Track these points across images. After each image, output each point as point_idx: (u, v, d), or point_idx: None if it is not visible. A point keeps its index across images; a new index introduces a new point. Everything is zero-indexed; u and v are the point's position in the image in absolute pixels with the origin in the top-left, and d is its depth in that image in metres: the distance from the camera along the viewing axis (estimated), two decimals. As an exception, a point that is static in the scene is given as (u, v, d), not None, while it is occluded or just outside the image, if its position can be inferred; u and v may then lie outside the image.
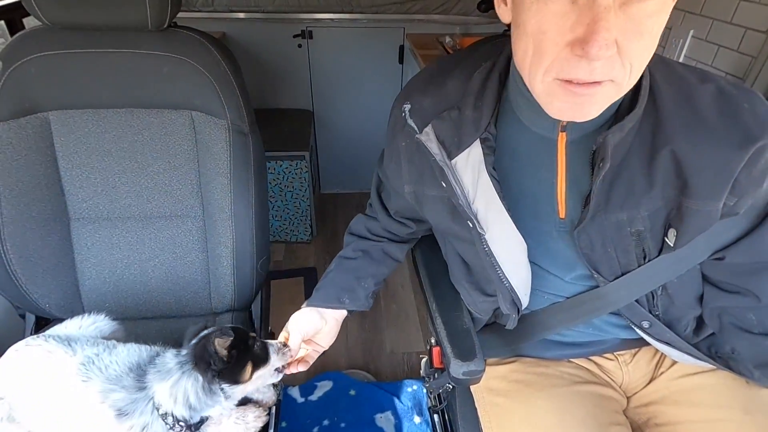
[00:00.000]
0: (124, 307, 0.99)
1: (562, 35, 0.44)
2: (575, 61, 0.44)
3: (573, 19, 0.43)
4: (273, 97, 2.28)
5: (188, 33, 0.90)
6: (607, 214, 0.57)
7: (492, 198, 0.59)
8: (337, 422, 1.40)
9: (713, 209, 0.55)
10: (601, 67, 0.44)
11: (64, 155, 0.91)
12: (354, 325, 1.80)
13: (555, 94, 0.48)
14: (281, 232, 2.17)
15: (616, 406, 0.71)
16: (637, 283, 0.62)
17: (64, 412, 0.65)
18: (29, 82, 0.85)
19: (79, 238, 0.95)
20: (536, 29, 0.45)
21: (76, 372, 0.66)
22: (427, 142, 0.59)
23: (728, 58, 1.11)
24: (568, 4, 0.42)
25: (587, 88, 0.46)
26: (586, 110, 0.49)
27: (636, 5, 0.41)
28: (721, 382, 0.68)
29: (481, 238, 0.61)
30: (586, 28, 0.42)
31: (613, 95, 0.48)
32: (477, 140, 0.58)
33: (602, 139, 0.53)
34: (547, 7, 0.43)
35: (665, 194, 0.56)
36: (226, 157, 0.91)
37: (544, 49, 0.45)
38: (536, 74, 0.48)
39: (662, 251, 0.60)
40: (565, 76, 0.46)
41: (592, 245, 0.60)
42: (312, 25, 2.09)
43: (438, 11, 2.09)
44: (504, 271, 0.63)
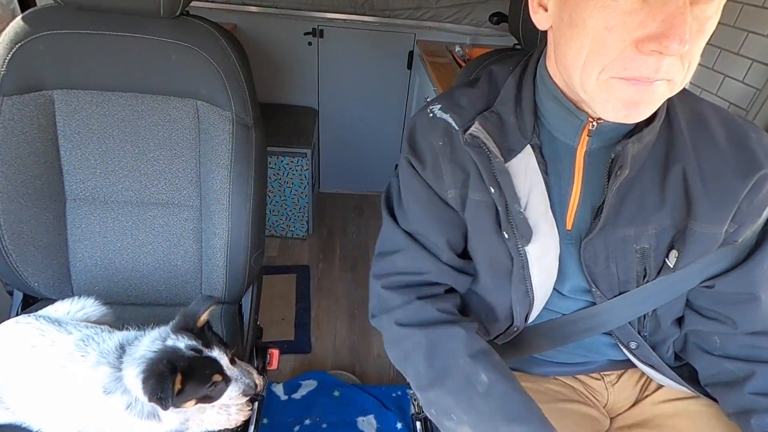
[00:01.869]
0: (114, 291, 0.99)
1: (630, 32, 0.44)
2: (641, 59, 0.44)
3: (642, 16, 0.43)
4: (279, 93, 2.28)
5: (199, 22, 0.90)
6: (615, 228, 0.57)
7: (545, 209, 0.58)
8: (319, 422, 1.39)
9: (716, 233, 0.56)
10: (667, 65, 0.44)
11: (65, 135, 0.90)
12: (342, 326, 1.79)
13: (612, 92, 0.47)
14: (277, 227, 2.17)
15: (598, 426, 0.71)
16: (632, 304, 0.63)
17: (54, 391, 0.65)
18: (36, 60, 0.85)
19: (73, 219, 0.95)
20: (601, 26, 0.45)
21: (74, 349, 0.66)
22: (485, 140, 0.56)
23: (733, 88, 1.12)
24: (639, 1, 0.43)
25: (644, 85, 0.46)
26: (641, 110, 0.48)
27: (701, 5, 0.43)
28: (704, 409, 0.68)
29: (519, 248, 0.59)
30: (660, 24, 0.42)
31: (667, 94, 0.48)
32: (528, 146, 0.58)
33: (622, 147, 0.53)
34: (616, 4, 0.43)
35: (674, 214, 0.56)
36: (227, 148, 0.91)
37: (607, 46, 0.45)
38: (592, 72, 0.47)
39: (661, 272, 0.60)
40: (627, 74, 0.46)
41: (596, 258, 0.60)
42: (324, 24, 2.10)
43: (450, 20, 2.10)
44: (533, 285, 0.62)
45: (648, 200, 0.56)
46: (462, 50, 1.96)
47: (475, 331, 0.62)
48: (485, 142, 0.56)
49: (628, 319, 0.64)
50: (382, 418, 1.42)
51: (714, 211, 0.55)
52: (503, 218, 0.58)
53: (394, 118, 2.37)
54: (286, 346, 1.66)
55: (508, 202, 0.57)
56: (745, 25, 1.07)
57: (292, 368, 1.59)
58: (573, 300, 0.66)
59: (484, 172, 0.57)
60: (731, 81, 1.13)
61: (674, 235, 0.58)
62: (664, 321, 0.66)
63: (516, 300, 0.63)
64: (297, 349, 1.66)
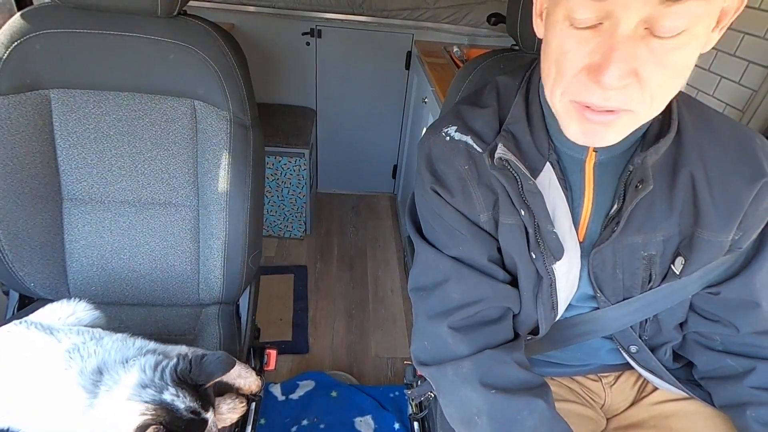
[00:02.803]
0: (111, 291, 0.98)
1: (581, 59, 0.44)
2: (590, 87, 0.44)
3: (593, 45, 0.43)
4: (277, 93, 2.28)
5: (197, 22, 0.90)
6: (623, 236, 0.57)
7: (569, 224, 0.58)
8: (317, 423, 1.39)
9: (723, 240, 0.56)
10: (616, 96, 0.44)
11: (62, 134, 0.90)
12: (340, 326, 1.79)
13: (571, 116, 0.49)
14: (275, 227, 2.17)
15: (594, 427, 0.71)
16: (634, 309, 0.63)
17: (40, 401, 0.63)
18: (33, 59, 0.84)
19: (70, 219, 0.94)
20: (559, 50, 0.46)
21: (60, 361, 0.64)
22: (515, 162, 0.54)
23: (729, 89, 1.13)
24: (591, 30, 0.43)
25: (602, 115, 0.46)
26: (600, 135, 0.49)
27: (661, 40, 0.41)
28: (700, 410, 0.68)
29: (546, 267, 0.58)
30: (602, 56, 0.42)
31: (632, 124, 0.48)
32: (547, 163, 0.57)
33: (640, 160, 0.53)
34: (571, 30, 0.44)
35: (681, 221, 0.56)
36: (225, 148, 0.91)
37: (563, 69, 0.46)
38: (555, 93, 0.49)
39: (666, 278, 0.60)
40: (580, 100, 0.46)
41: (604, 265, 0.60)
42: (322, 24, 2.10)
43: (448, 21, 2.10)
44: (559, 299, 0.61)
45: (656, 208, 0.56)
46: (460, 51, 1.96)
47: (552, 399, 0.57)
48: (515, 164, 0.54)
49: (629, 323, 0.64)
50: (379, 418, 1.42)
51: (722, 220, 0.55)
52: (532, 239, 0.58)
53: (392, 118, 2.37)
54: (283, 346, 1.65)
55: (539, 223, 0.56)
56: (742, 27, 1.08)
57: (289, 369, 1.59)
58: (578, 306, 0.66)
59: (513, 195, 0.56)
60: (728, 82, 1.13)
61: (680, 241, 0.58)
62: (666, 326, 0.66)
63: (542, 315, 0.62)
64: (294, 350, 1.66)
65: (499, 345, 0.60)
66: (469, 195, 0.59)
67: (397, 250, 2.21)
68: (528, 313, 0.63)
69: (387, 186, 2.62)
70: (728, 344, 0.64)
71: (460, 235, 0.60)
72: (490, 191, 0.58)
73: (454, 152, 0.59)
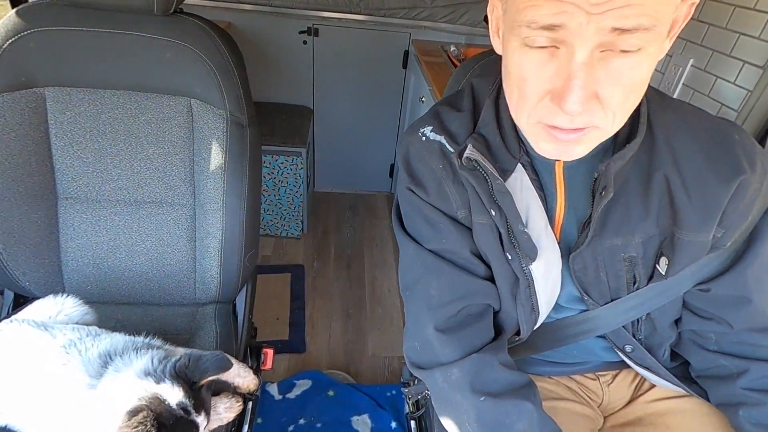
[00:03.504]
0: (106, 290, 0.98)
1: (542, 84, 0.45)
2: (555, 110, 0.45)
3: (552, 71, 0.44)
4: (274, 91, 2.27)
5: (193, 20, 0.89)
6: (602, 239, 0.57)
7: (545, 224, 0.58)
8: (314, 422, 1.39)
9: (704, 240, 0.56)
10: (580, 116, 0.44)
11: (57, 133, 0.89)
12: (338, 325, 1.79)
13: (539, 135, 0.49)
14: (272, 227, 2.16)
15: (591, 425, 0.71)
16: (625, 309, 0.63)
17: (38, 396, 0.64)
18: (27, 57, 0.84)
19: (65, 218, 0.94)
20: (518, 75, 0.46)
21: (56, 355, 0.64)
22: (483, 162, 0.55)
23: (725, 89, 1.13)
24: (548, 56, 0.43)
25: (570, 134, 0.47)
26: (570, 151, 0.50)
27: (617, 59, 0.42)
28: (696, 408, 0.69)
29: (523, 268, 0.58)
30: (563, 83, 0.43)
31: (599, 138, 0.49)
32: (519, 164, 0.58)
33: (604, 167, 0.53)
34: (528, 56, 0.44)
35: (660, 222, 0.56)
36: (222, 147, 0.91)
37: (526, 95, 0.46)
38: (521, 116, 0.49)
39: (652, 279, 0.60)
40: (548, 122, 0.47)
41: (586, 269, 0.60)
42: (319, 23, 2.09)
43: (445, 20, 2.10)
44: (539, 301, 0.61)
45: (633, 211, 0.56)
46: (457, 50, 1.96)
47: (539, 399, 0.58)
48: (484, 165, 0.55)
49: (621, 323, 0.65)
50: (376, 417, 1.42)
51: (699, 220, 0.55)
52: (506, 240, 0.58)
53: (389, 117, 2.37)
54: (280, 345, 1.65)
55: (510, 223, 0.56)
56: (737, 27, 1.08)
57: (286, 368, 1.59)
58: (567, 309, 0.66)
59: (483, 196, 0.56)
60: (723, 82, 1.14)
61: (661, 242, 0.58)
62: (660, 324, 0.66)
63: (522, 316, 0.62)
64: (291, 349, 1.66)
65: (484, 346, 0.60)
66: (444, 193, 0.60)
67: (394, 250, 2.21)
68: (508, 314, 0.63)
69: (384, 185, 2.62)
70: (723, 343, 0.64)
71: (443, 227, 0.61)
72: (465, 190, 0.59)
73: (429, 151, 0.60)
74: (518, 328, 0.64)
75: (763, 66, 1.04)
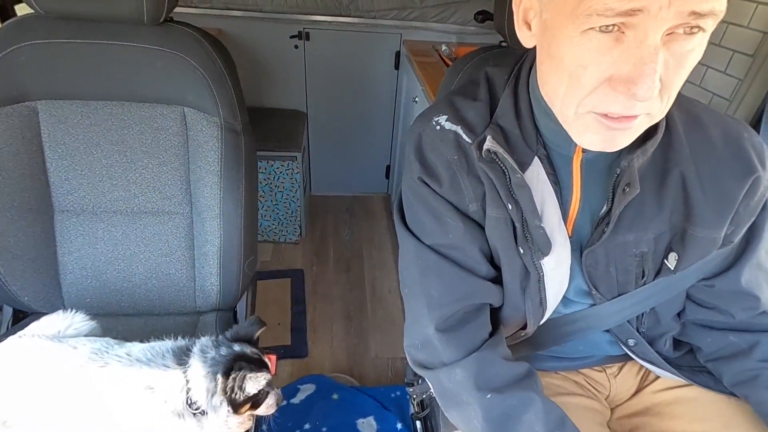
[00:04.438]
0: (106, 302, 0.98)
1: (603, 71, 0.43)
2: (614, 96, 0.43)
3: (616, 56, 0.42)
4: (267, 97, 2.27)
5: (184, 28, 0.89)
6: (615, 235, 0.57)
7: (558, 219, 0.57)
8: (319, 426, 1.38)
9: (716, 236, 0.56)
10: (641, 103, 0.43)
11: (51, 146, 0.89)
12: (339, 328, 1.79)
13: (588, 126, 0.47)
14: (270, 232, 2.16)
15: (599, 419, 0.72)
16: (631, 304, 0.63)
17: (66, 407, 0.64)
18: (18, 71, 0.83)
19: (62, 231, 0.93)
20: (575, 63, 0.44)
21: (88, 360, 0.67)
22: (503, 154, 0.53)
23: (716, 79, 1.14)
24: (612, 41, 0.42)
25: (622, 122, 0.45)
26: (617, 142, 0.48)
27: (680, 42, 0.41)
28: (702, 396, 0.69)
29: (534, 262, 0.58)
30: (632, 68, 0.41)
31: (646, 125, 0.48)
32: (536, 157, 0.57)
33: (627, 163, 0.52)
34: (590, 43, 0.42)
35: (672, 218, 0.57)
36: (217, 154, 0.90)
37: (582, 83, 0.45)
38: (570, 105, 0.47)
39: (660, 273, 0.60)
40: (602, 110, 0.45)
41: (597, 264, 0.60)
42: (309, 27, 2.09)
43: (435, 19, 2.10)
44: (548, 295, 0.61)
45: (647, 206, 0.56)
46: (449, 49, 1.97)
47: (540, 386, 0.58)
48: (503, 157, 0.53)
49: (626, 318, 0.65)
50: (382, 419, 1.42)
51: (714, 216, 0.55)
52: (519, 233, 0.57)
53: (383, 118, 2.37)
54: (283, 351, 1.65)
55: (527, 218, 0.56)
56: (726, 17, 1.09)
57: (289, 373, 1.58)
58: (574, 302, 0.66)
59: (501, 189, 0.55)
60: (713, 72, 1.14)
61: (672, 237, 0.58)
62: (663, 317, 0.66)
63: (530, 310, 0.62)
64: (294, 354, 1.65)
65: (484, 342, 0.60)
66: (458, 185, 0.58)
67: (393, 250, 2.21)
68: (516, 308, 0.63)
69: (381, 186, 2.62)
70: (729, 323, 0.64)
71: (450, 223, 0.59)
72: (479, 182, 0.58)
73: (443, 141, 0.58)
74: (525, 322, 0.64)
75: (752, 54, 1.05)
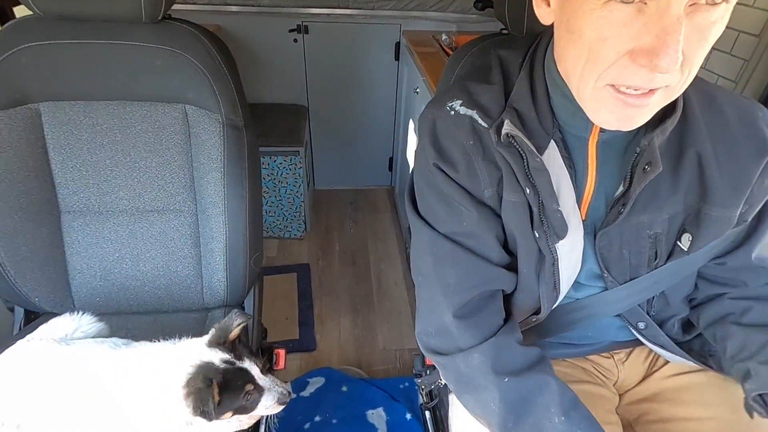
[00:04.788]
0: (115, 301, 0.99)
1: (624, 43, 0.42)
2: (634, 69, 0.43)
3: (638, 27, 0.41)
4: (268, 92, 2.26)
5: (183, 26, 0.89)
6: (629, 216, 0.57)
7: (573, 203, 0.57)
8: (329, 418, 1.40)
9: (731, 215, 0.56)
10: (661, 75, 0.42)
11: (55, 147, 0.89)
12: (347, 321, 1.80)
13: (605, 102, 0.47)
14: (274, 228, 2.17)
15: (608, 405, 0.72)
16: (642, 288, 0.63)
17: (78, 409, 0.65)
18: (20, 73, 0.83)
19: (69, 232, 0.94)
20: (595, 36, 0.43)
21: (109, 349, 0.68)
22: (522, 138, 0.53)
23: (721, 60, 1.12)
24: (634, 12, 0.41)
25: (640, 98, 0.45)
26: (634, 120, 0.48)
27: (703, 13, 0.40)
28: (711, 381, 0.69)
29: (549, 246, 0.57)
30: (654, 39, 0.40)
31: (663, 102, 0.47)
32: (552, 141, 0.56)
33: (647, 142, 0.52)
34: (611, 15, 0.42)
35: (687, 198, 0.56)
36: (219, 151, 0.90)
37: (602, 56, 0.44)
38: (588, 80, 0.46)
39: (672, 255, 0.60)
40: (621, 83, 0.44)
41: (610, 246, 0.60)
42: (308, 20, 2.08)
43: (434, 8, 2.08)
44: (561, 279, 0.61)
45: (661, 187, 0.56)
46: (449, 38, 1.95)
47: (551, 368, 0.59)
48: (522, 141, 0.53)
49: (636, 302, 0.65)
50: (391, 410, 1.43)
51: (730, 195, 0.55)
52: (536, 217, 0.57)
53: (385, 110, 2.36)
54: (291, 345, 1.66)
55: (544, 201, 0.55)
56: (730, -3, 1.07)
57: (298, 366, 1.60)
58: (586, 286, 0.66)
59: (518, 173, 0.54)
60: (719, 53, 1.13)
61: (685, 218, 0.58)
62: (673, 300, 0.66)
63: (544, 294, 0.62)
64: (302, 348, 1.66)
65: (499, 327, 0.61)
66: (473, 170, 0.57)
67: (398, 242, 2.21)
68: (530, 292, 0.63)
69: (384, 179, 2.61)
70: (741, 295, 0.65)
71: (465, 210, 0.58)
72: (495, 167, 0.57)
73: (458, 127, 0.57)
74: (538, 306, 0.64)
75: (758, 35, 1.03)
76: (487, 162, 0.57)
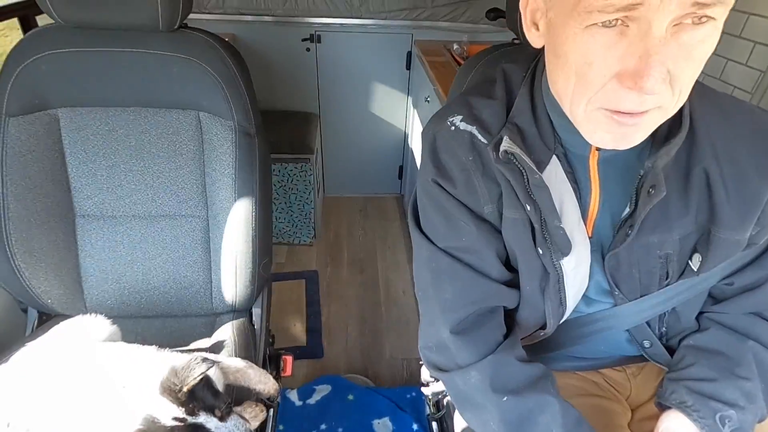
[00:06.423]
0: (126, 305, 1.00)
1: (609, 67, 0.42)
2: (624, 93, 0.42)
3: (621, 50, 0.41)
4: (280, 100, 2.29)
5: (198, 34, 0.91)
6: (639, 237, 0.55)
7: (577, 219, 0.56)
8: (335, 427, 1.39)
9: (740, 239, 0.54)
10: (650, 98, 0.42)
11: (71, 152, 0.91)
12: (354, 329, 1.79)
13: (599, 123, 0.46)
14: (284, 234, 2.18)
15: (620, 420, 0.70)
16: (654, 304, 0.62)
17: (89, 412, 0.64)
18: (40, 79, 0.86)
19: (83, 235, 0.96)
20: (581, 61, 0.43)
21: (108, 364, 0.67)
22: (521, 155, 0.52)
23: (737, 71, 1.11)
24: (617, 35, 0.41)
25: (634, 117, 0.44)
26: (630, 139, 0.47)
27: (689, 33, 0.40)
28: None
29: (554, 263, 0.57)
30: (638, 61, 0.40)
31: (658, 121, 0.47)
32: (554, 156, 0.56)
33: (651, 164, 0.51)
34: (594, 39, 0.42)
35: (698, 219, 0.55)
36: (231, 158, 0.92)
37: (589, 80, 0.44)
38: (579, 104, 0.46)
39: (684, 274, 0.59)
40: (614, 108, 0.44)
41: (619, 265, 0.59)
42: (321, 30, 2.11)
43: (446, 18, 2.09)
44: (567, 295, 0.60)
45: (672, 208, 0.54)
46: (460, 48, 1.96)
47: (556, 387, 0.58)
48: (521, 158, 0.52)
49: (648, 318, 0.63)
50: (397, 419, 1.42)
51: (738, 218, 0.53)
52: (538, 234, 0.56)
53: (396, 119, 2.37)
54: (298, 351, 1.66)
55: (546, 218, 0.54)
56: (746, 8, 1.06)
57: (305, 374, 1.59)
58: (596, 301, 0.65)
59: (519, 190, 0.54)
60: (734, 65, 1.11)
61: (698, 239, 0.56)
62: (685, 316, 0.65)
63: (549, 310, 0.61)
64: (309, 355, 1.66)
65: (498, 343, 0.59)
66: (472, 187, 0.57)
67: (406, 251, 2.21)
68: (535, 308, 0.62)
69: (394, 187, 2.62)
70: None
71: (464, 225, 0.58)
72: (495, 183, 0.57)
73: (458, 142, 0.57)
74: (544, 321, 0.63)
75: (775, 45, 1.02)
76: (487, 178, 0.57)
